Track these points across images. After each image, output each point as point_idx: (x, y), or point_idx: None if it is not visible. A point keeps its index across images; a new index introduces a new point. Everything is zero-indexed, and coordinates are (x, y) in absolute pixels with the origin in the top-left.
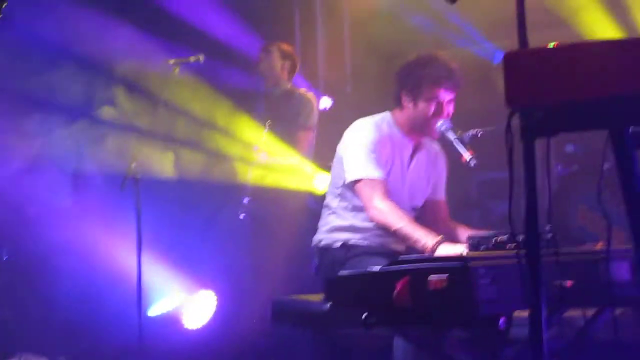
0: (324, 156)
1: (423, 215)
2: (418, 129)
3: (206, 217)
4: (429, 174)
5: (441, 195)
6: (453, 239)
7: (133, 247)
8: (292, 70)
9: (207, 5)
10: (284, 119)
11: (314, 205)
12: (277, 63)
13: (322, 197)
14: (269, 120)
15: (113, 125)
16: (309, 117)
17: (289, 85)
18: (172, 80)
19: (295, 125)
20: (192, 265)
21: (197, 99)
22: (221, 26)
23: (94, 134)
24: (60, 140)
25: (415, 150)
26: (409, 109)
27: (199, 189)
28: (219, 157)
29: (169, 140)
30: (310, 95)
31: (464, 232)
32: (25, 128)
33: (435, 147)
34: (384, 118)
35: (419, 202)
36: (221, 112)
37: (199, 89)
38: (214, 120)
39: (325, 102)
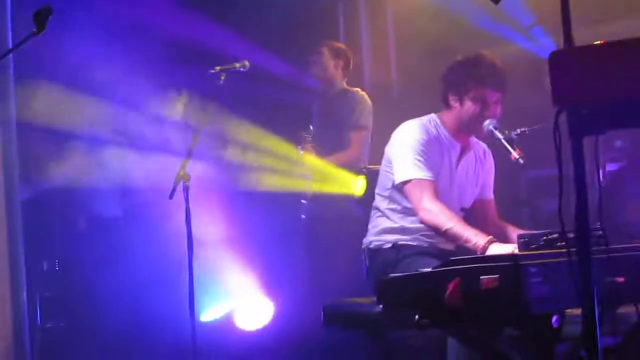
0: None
1: (472, 216)
2: (465, 129)
3: (260, 220)
4: (477, 174)
5: (489, 194)
6: (503, 238)
7: (184, 253)
8: (346, 68)
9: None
10: (338, 118)
11: (359, 209)
12: (330, 63)
13: (366, 201)
14: (305, 134)
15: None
16: (361, 115)
17: (344, 85)
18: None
19: (349, 124)
20: (248, 269)
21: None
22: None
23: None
24: (108, 154)
25: (463, 151)
26: (456, 109)
27: (250, 194)
28: (265, 167)
29: (219, 146)
30: (364, 93)
31: (514, 232)
32: (73, 141)
33: (483, 146)
34: (430, 119)
35: (468, 203)
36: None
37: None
38: (261, 129)
39: None
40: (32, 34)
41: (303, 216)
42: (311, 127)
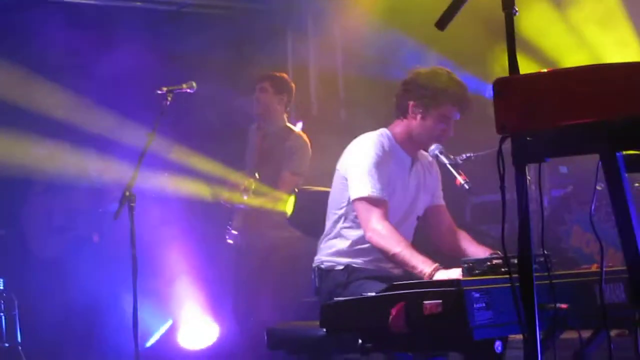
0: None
1: (427, 224)
2: (417, 143)
3: (200, 240)
4: (427, 183)
5: (440, 200)
6: (456, 247)
7: (127, 273)
8: (289, 101)
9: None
10: (279, 158)
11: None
12: (273, 99)
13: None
14: (257, 173)
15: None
16: (301, 161)
17: (286, 122)
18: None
19: (286, 167)
20: (191, 288)
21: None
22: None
23: None
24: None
25: (413, 163)
26: (414, 121)
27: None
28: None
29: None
30: (305, 138)
31: (467, 243)
32: None
33: (427, 156)
34: (383, 133)
35: (421, 211)
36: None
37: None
38: (204, 150)
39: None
40: None
41: (230, 241)
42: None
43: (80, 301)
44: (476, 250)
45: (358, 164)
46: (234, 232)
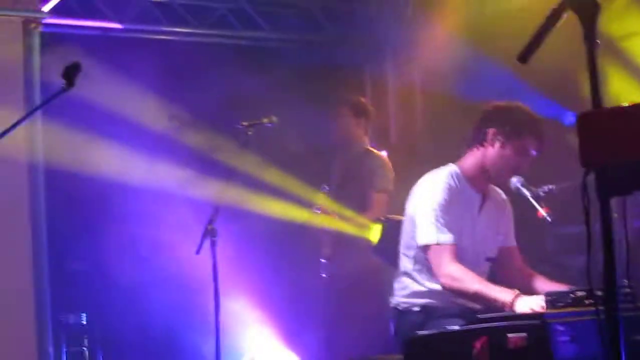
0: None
1: (497, 264)
2: (489, 176)
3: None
4: (499, 223)
5: (512, 242)
6: (529, 288)
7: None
8: (367, 125)
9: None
10: (361, 179)
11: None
12: (352, 122)
13: (384, 250)
14: (325, 185)
15: None
16: (384, 178)
17: (367, 144)
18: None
19: (369, 187)
20: (272, 323)
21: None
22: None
23: None
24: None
25: (484, 200)
26: (492, 149)
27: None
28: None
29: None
30: (385, 158)
31: (541, 282)
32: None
33: (501, 194)
34: (452, 172)
35: (493, 253)
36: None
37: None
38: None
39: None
40: (62, 90)
41: (324, 275)
42: (326, 187)
43: (159, 336)
44: (552, 287)
45: (425, 209)
46: (323, 261)
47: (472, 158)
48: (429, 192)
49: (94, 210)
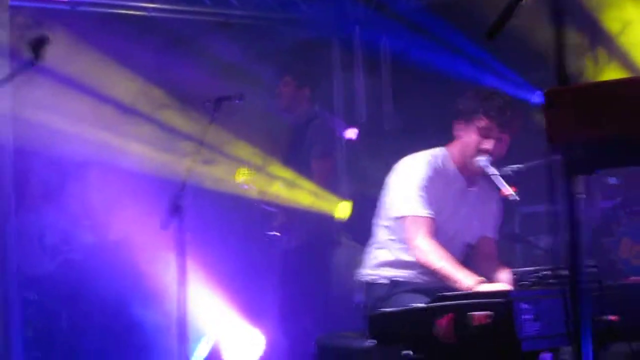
0: (358, 186)
1: (473, 251)
2: (468, 162)
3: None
4: (484, 212)
5: (491, 232)
6: (496, 279)
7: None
8: (311, 96)
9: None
10: (302, 149)
11: (347, 234)
12: (295, 91)
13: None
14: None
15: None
16: (323, 144)
17: (309, 113)
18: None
19: (310, 155)
20: (234, 299)
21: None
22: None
23: None
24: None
25: (469, 186)
26: (460, 140)
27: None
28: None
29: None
30: (327, 123)
31: (507, 275)
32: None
33: (490, 185)
34: (438, 154)
35: (473, 239)
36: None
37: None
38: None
39: (351, 133)
40: (29, 64)
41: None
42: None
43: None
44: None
45: (406, 183)
46: (275, 233)
47: (455, 147)
48: (413, 168)
49: (56, 186)
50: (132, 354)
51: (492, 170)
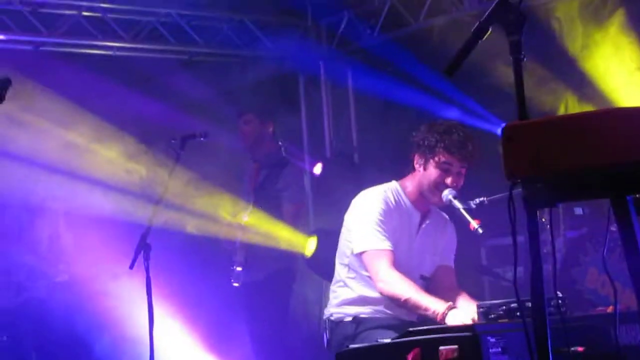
0: (324, 222)
1: (431, 282)
2: (425, 195)
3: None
4: (437, 243)
5: (449, 262)
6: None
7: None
8: (274, 131)
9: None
10: (272, 190)
11: (311, 270)
12: (258, 128)
13: (317, 263)
14: (251, 205)
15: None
16: (297, 190)
17: (277, 152)
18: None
19: (286, 198)
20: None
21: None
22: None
23: None
24: None
25: (423, 219)
26: (418, 174)
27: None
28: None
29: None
30: (301, 168)
31: (469, 302)
32: None
33: (444, 216)
34: (391, 188)
35: (428, 271)
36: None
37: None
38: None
39: (317, 168)
40: None
41: (236, 284)
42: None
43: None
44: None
45: (362, 218)
46: (238, 269)
47: (409, 181)
48: (368, 203)
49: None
50: None
51: (458, 204)
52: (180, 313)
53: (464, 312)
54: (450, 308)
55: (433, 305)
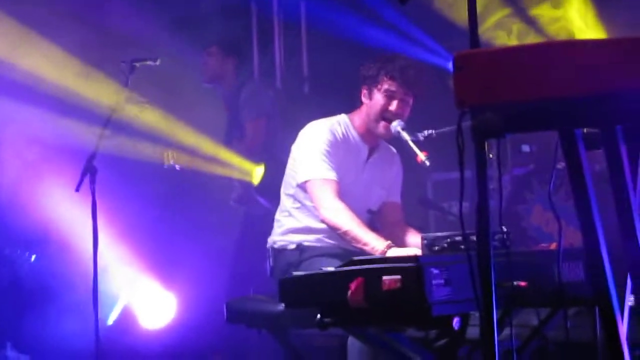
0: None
1: (377, 218)
2: (373, 127)
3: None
4: (384, 177)
5: (396, 197)
6: (403, 243)
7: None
8: (239, 64)
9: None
10: (238, 115)
11: (260, 199)
12: (221, 61)
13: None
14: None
15: None
16: (254, 106)
17: (236, 81)
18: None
19: (244, 119)
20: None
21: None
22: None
23: None
24: None
25: (370, 153)
26: (366, 105)
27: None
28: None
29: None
30: (257, 85)
31: (416, 237)
32: None
33: (392, 150)
34: (340, 121)
35: (375, 205)
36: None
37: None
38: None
39: None
40: None
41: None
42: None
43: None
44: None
45: (309, 148)
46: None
47: (358, 114)
48: (315, 134)
49: None
50: (44, 317)
51: (406, 136)
52: (126, 239)
53: (403, 250)
54: (390, 247)
55: (373, 241)
